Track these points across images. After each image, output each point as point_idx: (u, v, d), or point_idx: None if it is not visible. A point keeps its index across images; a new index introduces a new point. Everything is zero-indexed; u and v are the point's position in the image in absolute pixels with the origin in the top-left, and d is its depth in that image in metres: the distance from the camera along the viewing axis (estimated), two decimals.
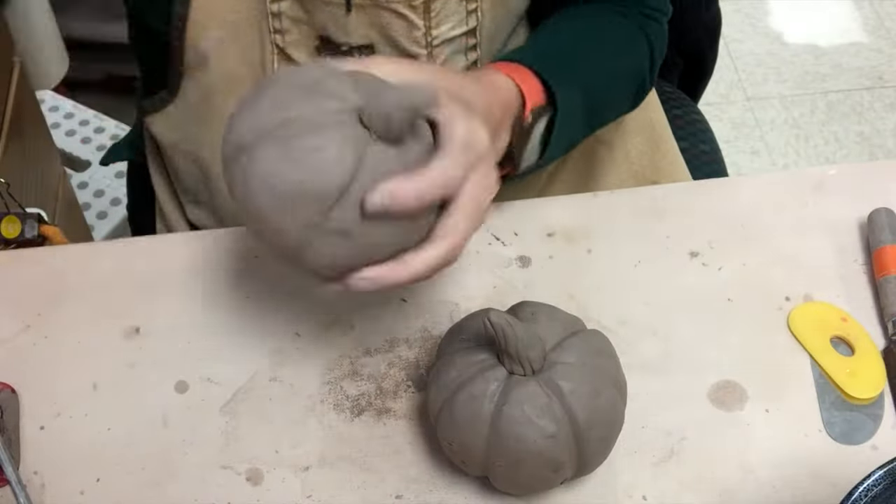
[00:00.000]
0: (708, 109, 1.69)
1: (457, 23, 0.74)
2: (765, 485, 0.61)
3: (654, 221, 0.74)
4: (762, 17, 2.18)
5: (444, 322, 0.68)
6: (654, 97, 0.94)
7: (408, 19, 0.72)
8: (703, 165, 1.04)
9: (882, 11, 2.18)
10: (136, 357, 0.67)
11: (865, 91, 2.04)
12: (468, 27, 0.75)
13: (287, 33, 0.74)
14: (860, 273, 0.71)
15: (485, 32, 0.75)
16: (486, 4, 0.74)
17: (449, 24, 0.74)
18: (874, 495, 0.48)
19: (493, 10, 0.75)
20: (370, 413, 0.64)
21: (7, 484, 0.59)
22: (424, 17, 0.72)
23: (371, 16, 0.72)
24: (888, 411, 0.64)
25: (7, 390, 0.65)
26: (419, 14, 0.72)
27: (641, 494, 0.61)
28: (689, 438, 0.63)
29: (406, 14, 0.72)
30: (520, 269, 0.71)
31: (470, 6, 0.73)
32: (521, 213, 0.74)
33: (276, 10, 0.73)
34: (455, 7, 0.73)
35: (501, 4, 0.75)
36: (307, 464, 0.62)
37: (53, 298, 0.70)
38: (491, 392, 0.55)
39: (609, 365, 0.58)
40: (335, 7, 0.71)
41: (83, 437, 0.63)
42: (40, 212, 0.79)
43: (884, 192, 0.74)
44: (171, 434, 0.64)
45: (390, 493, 0.61)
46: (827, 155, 1.93)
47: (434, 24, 0.73)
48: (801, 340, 0.67)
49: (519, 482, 0.58)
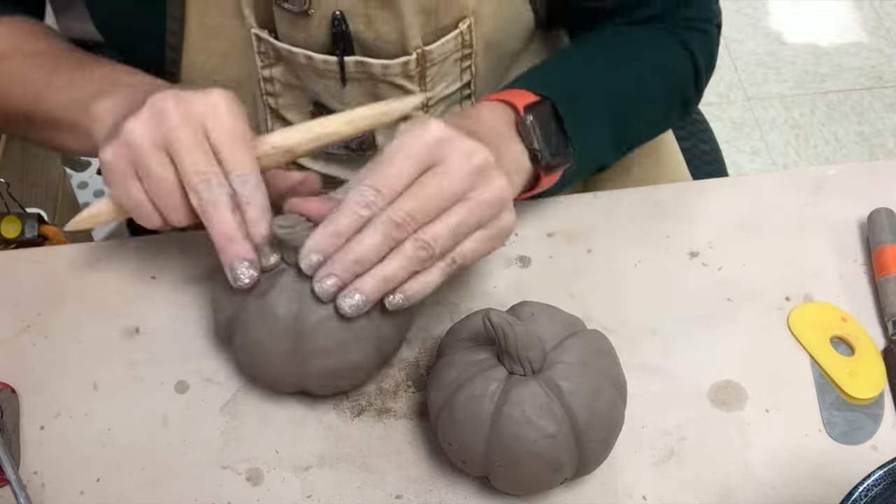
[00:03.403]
0: (708, 109, 1.70)
1: (451, 81, 0.74)
2: (765, 485, 0.61)
3: (654, 221, 0.74)
4: (762, 17, 2.18)
5: (444, 322, 0.68)
6: None
7: (404, 88, 0.71)
8: (704, 165, 1.04)
9: (882, 11, 2.18)
10: (136, 357, 0.67)
11: (865, 91, 2.04)
12: (463, 82, 0.74)
13: (280, 97, 0.74)
14: (860, 273, 0.71)
15: (479, 81, 0.75)
16: (480, 57, 0.73)
17: (444, 84, 0.73)
18: (874, 495, 0.48)
19: (487, 59, 0.74)
20: (370, 413, 0.64)
21: (7, 484, 0.59)
22: (420, 83, 0.72)
23: (367, 87, 0.71)
24: (888, 411, 0.64)
25: (7, 390, 0.65)
26: (415, 82, 0.71)
27: (641, 494, 0.61)
28: (689, 438, 0.63)
29: (403, 84, 0.71)
30: (520, 269, 0.71)
31: (464, 64, 0.73)
32: (521, 213, 0.74)
33: (269, 76, 0.72)
34: (450, 68, 0.73)
35: (496, 53, 0.74)
36: (307, 464, 0.62)
37: (53, 298, 0.70)
38: (491, 392, 0.55)
39: (609, 365, 0.58)
40: (329, 80, 0.71)
41: (83, 437, 0.63)
42: (40, 212, 0.79)
43: (884, 192, 0.74)
44: (171, 434, 0.64)
45: (390, 493, 0.61)
46: (827, 155, 1.93)
47: (429, 87, 0.72)
48: (801, 340, 0.67)
49: (519, 482, 0.58)
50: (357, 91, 0.71)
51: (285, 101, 0.74)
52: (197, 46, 0.70)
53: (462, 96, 0.76)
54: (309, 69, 0.70)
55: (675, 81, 0.77)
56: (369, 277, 0.55)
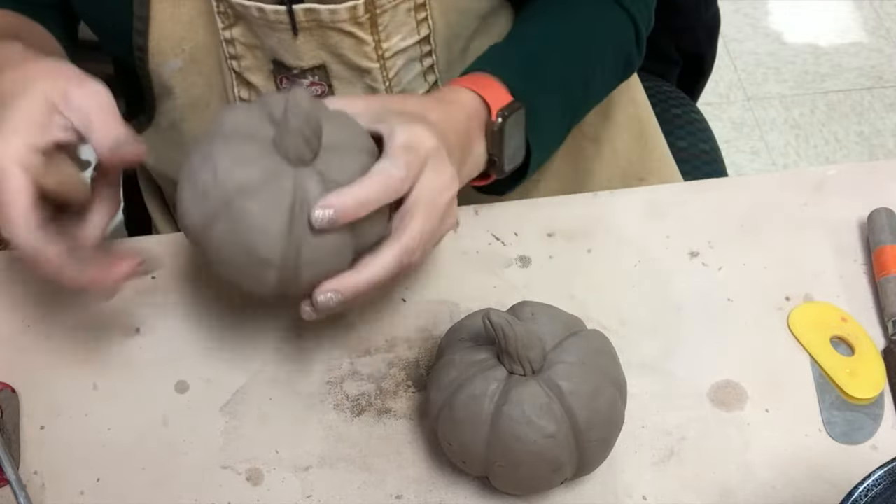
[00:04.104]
0: (708, 109, 1.70)
1: (407, 33, 0.74)
2: (765, 485, 0.61)
3: (654, 221, 0.74)
4: (762, 17, 2.18)
5: (444, 322, 0.68)
6: (641, 95, 0.94)
7: (355, 36, 0.71)
8: (703, 165, 1.04)
9: (882, 11, 2.18)
10: (136, 357, 0.67)
11: (865, 91, 2.04)
12: (420, 36, 0.74)
13: (242, 59, 0.74)
14: (860, 273, 0.71)
15: (439, 39, 0.75)
16: (437, 12, 0.73)
17: (399, 36, 0.73)
18: (874, 495, 0.48)
19: (446, 17, 0.74)
20: (370, 413, 0.64)
21: (7, 484, 0.59)
22: (372, 31, 0.72)
23: (318, 37, 0.72)
24: (888, 411, 0.64)
25: (7, 390, 0.65)
26: (366, 30, 0.71)
27: (641, 494, 0.61)
28: (689, 438, 0.63)
29: (353, 31, 0.71)
30: (520, 269, 0.71)
31: (419, 15, 0.73)
32: (521, 213, 0.74)
33: (230, 37, 0.73)
34: (404, 18, 0.72)
35: (454, 9, 0.74)
36: (307, 464, 0.62)
37: (53, 298, 0.70)
38: (491, 392, 0.55)
39: (609, 365, 0.58)
40: (282, 32, 0.71)
41: (83, 437, 0.63)
42: None
43: (884, 192, 0.74)
44: (171, 434, 0.64)
45: (390, 493, 0.61)
46: (827, 155, 1.93)
47: (383, 37, 0.73)
48: (801, 340, 0.67)
49: (519, 482, 0.58)
50: (310, 42, 0.72)
51: (247, 63, 0.75)
52: (164, 14, 0.71)
53: (422, 53, 0.75)
54: (262, 23, 0.71)
55: (620, 48, 0.79)
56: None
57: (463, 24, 0.76)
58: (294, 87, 0.55)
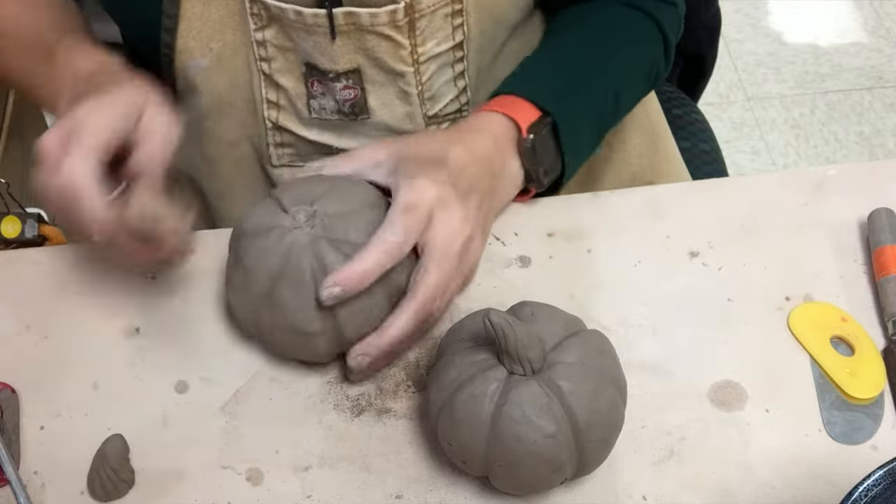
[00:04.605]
0: (708, 109, 1.69)
1: (442, 38, 0.74)
2: (765, 485, 0.61)
3: (654, 221, 0.74)
4: (762, 17, 2.18)
5: (444, 322, 0.68)
6: (653, 98, 0.94)
7: (393, 40, 0.72)
8: (703, 165, 1.04)
9: (882, 11, 2.18)
10: (136, 357, 0.67)
11: (865, 91, 2.04)
12: (455, 42, 0.75)
13: (273, 61, 0.74)
14: (860, 273, 0.71)
15: (472, 45, 0.76)
16: (473, 18, 0.74)
17: (435, 41, 0.74)
18: (874, 495, 0.48)
19: (481, 24, 0.75)
20: (370, 413, 0.64)
21: (7, 484, 0.59)
22: (410, 35, 0.72)
23: (355, 40, 0.72)
24: (888, 411, 0.64)
25: (7, 390, 0.65)
26: (404, 34, 0.72)
27: (641, 494, 0.61)
28: (689, 438, 0.63)
29: (391, 35, 0.71)
30: (520, 269, 0.71)
31: (456, 21, 0.73)
32: (521, 213, 0.74)
33: (261, 39, 0.73)
34: (440, 23, 0.73)
35: (489, 17, 0.75)
36: (307, 464, 0.62)
37: (53, 298, 0.70)
38: (491, 392, 0.55)
39: (609, 365, 0.58)
40: (319, 35, 0.71)
41: (83, 437, 0.63)
42: (40, 212, 0.79)
43: (884, 192, 0.74)
44: (171, 434, 0.64)
45: (390, 493, 0.61)
46: (827, 155, 1.93)
47: (419, 41, 0.73)
48: (801, 340, 0.67)
49: (519, 482, 0.58)
50: (347, 46, 0.72)
51: (278, 66, 0.74)
52: (194, 13, 0.71)
53: (455, 58, 0.76)
54: (299, 26, 0.71)
55: (650, 62, 0.80)
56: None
57: (496, 32, 0.77)
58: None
